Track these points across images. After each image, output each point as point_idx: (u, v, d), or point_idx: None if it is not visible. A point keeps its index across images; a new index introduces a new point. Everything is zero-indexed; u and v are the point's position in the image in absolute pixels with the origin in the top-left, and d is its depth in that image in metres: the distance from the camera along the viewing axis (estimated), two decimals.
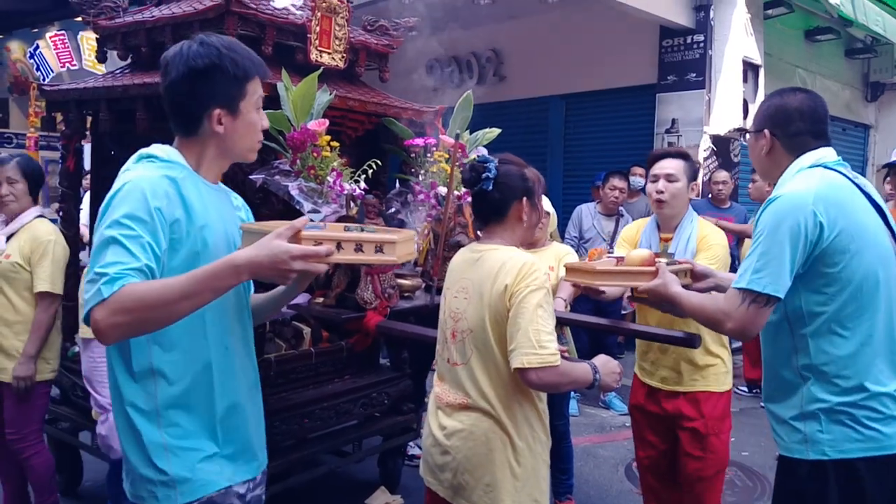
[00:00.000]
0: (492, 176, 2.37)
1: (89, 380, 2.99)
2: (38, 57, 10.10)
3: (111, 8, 3.86)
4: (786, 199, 2.13)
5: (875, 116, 11.84)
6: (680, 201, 3.27)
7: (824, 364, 2.13)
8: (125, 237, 1.67)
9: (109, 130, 3.79)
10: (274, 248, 1.67)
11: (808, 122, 2.26)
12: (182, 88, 1.84)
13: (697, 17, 7.86)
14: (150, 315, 1.65)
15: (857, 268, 2.10)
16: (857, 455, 2.08)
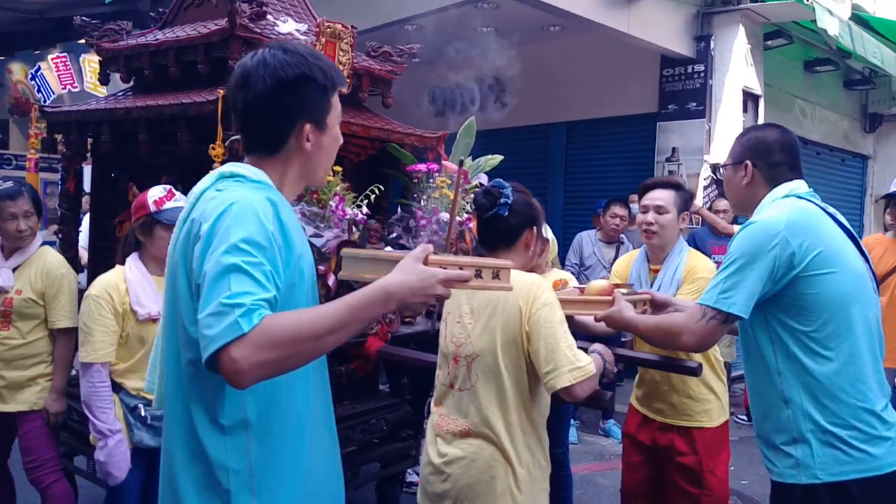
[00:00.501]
0: (509, 202, 2.37)
1: (88, 405, 2.91)
2: (39, 79, 10.13)
3: (115, 31, 3.87)
4: (759, 225, 2.22)
5: (874, 147, 11.88)
6: (669, 232, 3.24)
7: (810, 386, 2.16)
8: (248, 264, 1.46)
9: (110, 153, 3.78)
10: (423, 273, 1.58)
11: (786, 154, 2.38)
12: (269, 102, 1.65)
13: (698, 47, 7.91)
14: (299, 350, 1.46)
15: (834, 290, 2.16)
16: (849, 477, 2.11)
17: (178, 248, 1.65)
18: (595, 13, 6.86)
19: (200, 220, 1.57)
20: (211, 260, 1.48)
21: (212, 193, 1.62)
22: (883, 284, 4.95)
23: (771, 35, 8.45)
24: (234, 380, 1.42)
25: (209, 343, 1.40)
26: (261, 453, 1.60)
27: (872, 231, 10.65)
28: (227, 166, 1.70)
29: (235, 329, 1.39)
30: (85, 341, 2.91)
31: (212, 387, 1.57)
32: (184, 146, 3.32)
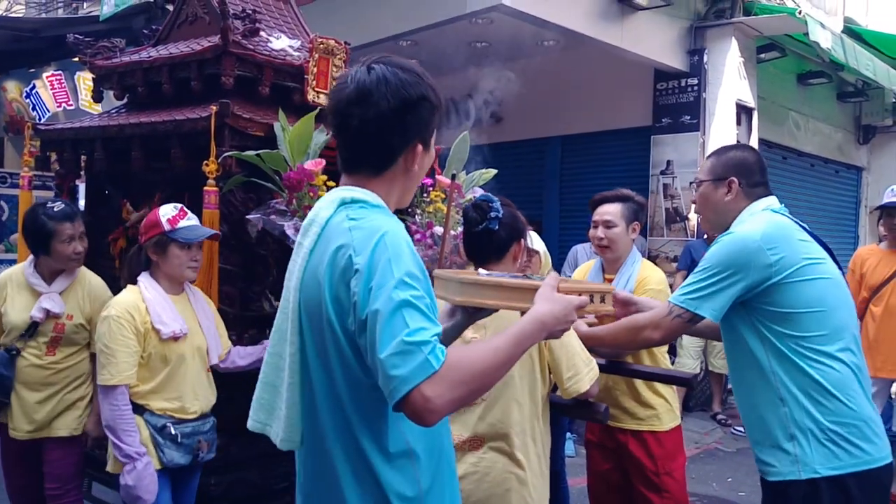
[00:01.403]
0: (500, 216, 2.39)
1: (113, 428, 2.80)
2: (34, 97, 10.12)
3: (108, 48, 3.86)
4: (735, 237, 2.35)
5: (867, 159, 11.93)
6: (620, 244, 3.37)
7: (808, 387, 2.25)
8: (416, 299, 1.44)
9: (104, 170, 3.77)
10: (563, 301, 1.65)
11: (763, 174, 2.53)
12: (390, 121, 1.59)
13: (691, 61, 7.94)
14: (481, 384, 1.48)
15: (817, 294, 2.28)
16: (847, 471, 2.21)
17: (324, 281, 1.54)
18: (589, 28, 6.89)
19: (350, 253, 1.50)
20: (380, 296, 1.43)
21: (345, 222, 1.55)
22: (878, 295, 4.96)
23: (764, 48, 8.49)
24: (425, 418, 1.40)
25: (399, 384, 1.38)
26: (426, 481, 1.60)
27: (867, 242, 10.68)
28: (343, 191, 1.63)
29: (427, 368, 1.38)
30: (107, 363, 2.82)
31: (376, 417, 1.56)
32: (177, 163, 3.32)
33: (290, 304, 1.63)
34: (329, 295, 1.53)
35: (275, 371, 1.68)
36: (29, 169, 4.06)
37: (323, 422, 1.60)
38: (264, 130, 3.26)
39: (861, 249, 5.52)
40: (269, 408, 1.70)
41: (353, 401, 1.56)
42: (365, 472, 1.57)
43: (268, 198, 3.21)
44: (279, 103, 3.39)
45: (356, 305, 1.46)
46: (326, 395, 1.59)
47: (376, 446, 1.57)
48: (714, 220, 2.60)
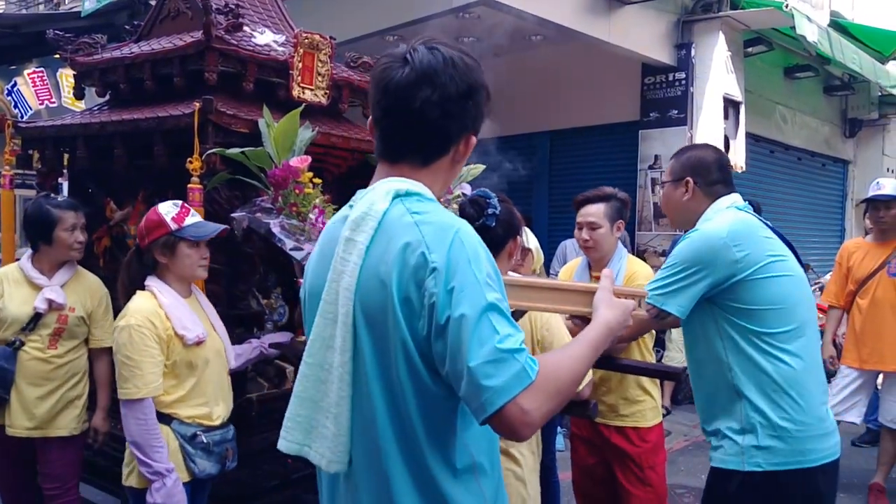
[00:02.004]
0: (497, 212, 2.37)
1: (140, 444, 2.66)
2: (15, 94, 10.03)
3: (89, 44, 3.81)
4: (702, 234, 2.40)
5: (854, 152, 11.98)
6: (605, 244, 3.41)
7: (763, 383, 2.30)
8: (499, 301, 1.36)
9: (87, 168, 3.72)
10: (623, 306, 1.64)
11: (722, 172, 2.57)
12: (454, 105, 1.48)
13: (679, 55, 7.93)
14: (568, 395, 1.41)
15: (781, 292, 2.32)
16: (787, 467, 2.28)
17: (390, 280, 1.39)
18: (576, 22, 6.87)
19: (422, 250, 1.37)
20: (464, 299, 1.32)
21: (407, 216, 1.43)
22: (864, 288, 4.98)
23: (751, 42, 8.51)
24: (520, 432, 1.32)
25: (494, 395, 1.29)
26: (490, 494, 1.51)
27: (854, 235, 10.72)
28: (395, 182, 1.49)
29: (524, 378, 1.31)
30: (131, 375, 2.66)
31: (445, 430, 1.45)
32: (160, 160, 3.28)
33: (340, 307, 1.44)
34: (398, 296, 1.38)
35: (315, 384, 1.49)
36: (10, 167, 4.01)
37: (382, 438, 1.44)
38: (249, 127, 3.22)
39: (848, 243, 5.53)
40: (308, 426, 1.50)
41: (421, 413, 1.42)
42: (431, 492, 1.44)
43: (253, 195, 3.17)
44: (264, 99, 3.35)
45: (434, 307, 1.34)
46: (388, 408, 1.43)
47: (443, 462, 1.44)
48: (678, 219, 2.67)
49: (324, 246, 1.60)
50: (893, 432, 4.92)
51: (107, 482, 3.59)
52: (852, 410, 5.02)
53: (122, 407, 2.70)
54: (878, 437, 5.49)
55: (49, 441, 3.32)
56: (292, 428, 1.53)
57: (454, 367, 1.33)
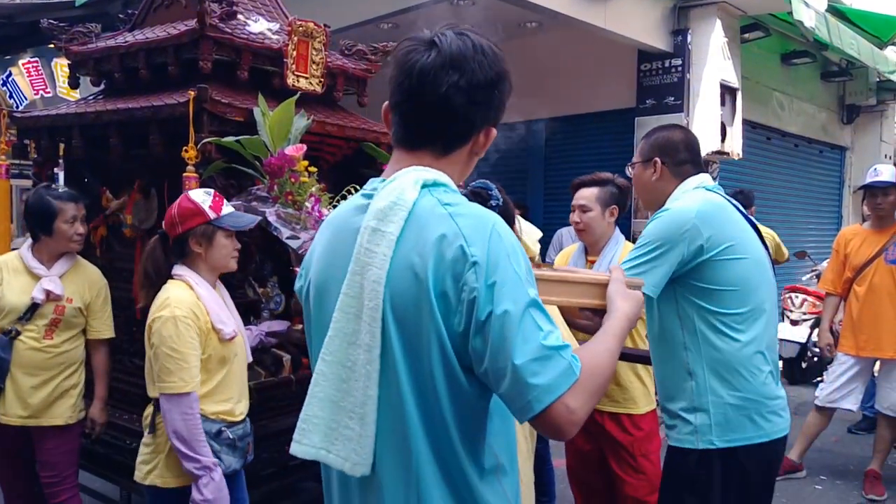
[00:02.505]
0: (499, 204, 2.36)
1: (187, 440, 2.59)
2: (10, 84, 9.99)
3: (83, 33, 3.80)
4: (672, 213, 2.42)
5: (851, 138, 11.97)
6: (597, 227, 3.44)
7: (714, 361, 2.36)
8: (537, 297, 1.34)
9: (83, 157, 3.71)
10: (636, 297, 1.64)
11: (690, 152, 2.60)
12: (481, 93, 1.44)
13: (675, 41, 7.91)
14: (602, 394, 1.39)
15: (743, 275, 2.37)
16: (740, 444, 2.35)
17: (426, 274, 1.33)
18: (572, 8, 6.85)
19: (460, 243, 1.32)
20: (506, 295, 1.29)
21: (439, 207, 1.38)
22: (861, 275, 4.99)
23: (748, 28, 8.47)
24: (565, 431, 1.30)
25: (542, 394, 1.27)
26: (512, 494, 1.48)
27: (851, 222, 10.73)
28: (422, 172, 1.43)
29: (570, 375, 1.29)
30: (177, 368, 2.59)
31: (477, 430, 1.42)
32: (156, 149, 3.27)
33: (366, 301, 1.36)
34: (434, 290, 1.32)
35: (335, 384, 1.40)
36: (6, 157, 4.01)
37: (413, 439, 1.37)
38: (244, 116, 3.22)
39: (845, 230, 5.53)
40: (328, 428, 1.41)
41: (455, 412, 1.37)
42: (463, 493, 1.39)
43: (248, 184, 3.18)
44: (258, 88, 3.35)
45: (474, 303, 1.30)
46: (419, 408, 1.37)
47: (473, 463, 1.40)
48: (647, 199, 2.70)
49: (333, 237, 1.52)
50: (890, 419, 4.94)
51: (106, 470, 3.61)
52: (849, 398, 5.03)
53: (164, 402, 2.62)
54: (874, 424, 5.52)
55: (44, 430, 3.32)
56: (309, 431, 1.43)
57: (495, 365, 1.29)
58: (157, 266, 2.78)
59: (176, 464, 2.67)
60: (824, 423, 5.15)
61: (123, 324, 3.50)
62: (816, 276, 7.82)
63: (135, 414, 3.59)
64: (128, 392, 3.66)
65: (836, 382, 5.04)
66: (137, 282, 2.83)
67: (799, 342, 7.69)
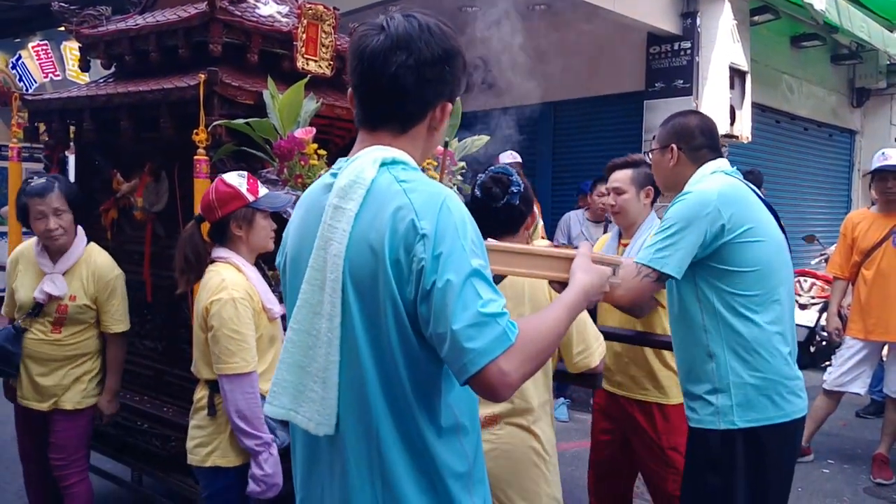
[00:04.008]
0: (520, 190, 2.35)
1: (249, 418, 2.62)
2: (20, 67, 10.02)
3: (94, 16, 3.81)
4: (694, 195, 2.44)
5: (861, 122, 11.90)
6: (632, 210, 3.37)
7: (734, 343, 2.40)
8: (483, 268, 1.40)
9: (93, 140, 3.73)
10: (599, 272, 1.70)
11: (706, 137, 2.62)
12: (430, 70, 1.49)
13: (684, 24, 7.87)
14: (545, 358, 1.47)
15: (762, 257, 2.40)
16: (761, 423, 2.38)
17: (381, 247, 1.42)
18: None
19: (411, 216, 1.40)
20: (451, 264, 1.37)
21: (395, 184, 1.45)
22: (869, 259, 4.98)
23: (757, 10, 8.42)
24: (500, 392, 1.38)
25: (476, 356, 1.34)
26: (472, 454, 1.55)
27: (860, 206, 10.69)
28: (381, 151, 1.51)
29: (504, 340, 1.36)
30: (239, 349, 2.61)
31: (432, 391, 1.49)
32: (166, 132, 3.29)
33: (328, 273, 1.46)
34: (390, 261, 1.41)
35: (302, 350, 1.51)
36: (17, 140, 4.03)
37: (372, 399, 1.47)
38: (254, 98, 3.23)
39: (853, 213, 5.52)
40: (296, 391, 1.53)
41: (410, 375, 1.46)
42: (419, 449, 1.48)
43: (258, 167, 3.19)
44: (268, 71, 3.36)
45: (422, 272, 1.38)
46: (378, 371, 1.47)
47: (430, 421, 1.49)
48: (666, 185, 2.76)
49: (306, 214, 1.60)
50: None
51: (118, 451, 3.65)
52: (857, 381, 5.03)
53: (225, 382, 2.63)
54: (882, 408, 5.53)
55: (56, 413, 3.35)
56: (279, 393, 1.55)
57: (437, 330, 1.37)
58: (197, 251, 2.77)
59: (236, 442, 2.70)
60: (832, 406, 5.15)
61: (135, 306, 3.52)
62: (825, 259, 7.81)
63: (146, 396, 3.64)
64: (139, 374, 3.70)
65: (844, 366, 5.04)
66: (177, 268, 2.79)
67: (807, 326, 7.69)
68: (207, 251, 2.79)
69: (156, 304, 3.59)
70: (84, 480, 3.44)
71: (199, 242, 2.78)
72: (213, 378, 2.71)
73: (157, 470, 3.43)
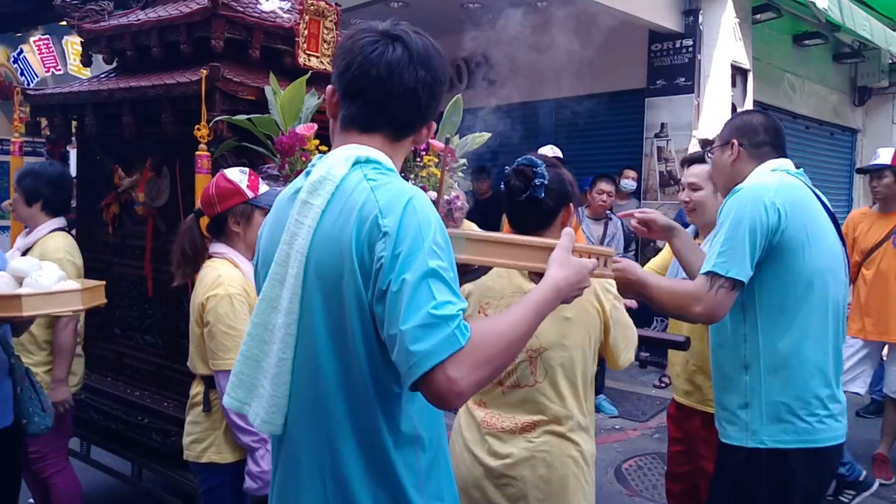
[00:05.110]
0: (546, 182, 2.19)
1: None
2: (22, 62, 10.00)
3: (96, 11, 3.82)
4: (748, 191, 2.29)
5: (862, 121, 11.88)
6: (709, 207, 3.08)
7: (772, 357, 2.24)
8: (442, 269, 1.34)
9: (95, 135, 3.74)
10: (578, 266, 1.61)
11: (770, 135, 2.48)
12: (438, 88, 1.55)
13: (686, 22, 7.87)
14: (505, 361, 1.40)
15: (810, 264, 2.24)
16: (791, 446, 2.22)
17: (347, 244, 1.39)
18: None
19: (375, 213, 1.37)
20: (409, 264, 1.32)
21: (364, 182, 1.43)
22: (870, 259, 4.99)
23: (759, 9, 8.41)
24: (448, 401, 1.30)
25: (421, 359, 1.27)
26: (425, 468, 1.49)
27: (861, 205, 10.69)
28: (356, 150, 1.50)
29: (452, 343, 1.28)
30: (234, 345, 2.56)
31: (391, 396, 1.44)
32: (168, 127, 3.29)
33: (290, 269, 1.45)
34: (356, 258, 1.38)
35: (259, 344, 1.51)
36: (19, 135, 4.03)
37: (329, 402, 1.44)
38: (255, 94, 3.23)
39: (854, 213, 5.53)
40: (250, 385, 1.53)
41: (372, 376, 1.42)
42: (375, 456, 1.45)
43: (260, 163, 3.19)
44: (270, 67, 3.36)
45: (380, 271, 1.34)
46: (339, 371, 1.44)
47: (389, 429, 1.44)
48: (724, 183, 2.57)
49: (279, 212, 1.59)
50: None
51: (118, 446, 3.66)
52: (857, 381, 5.02)
53: (220, 378, 2.62)
54: (882, 407, 5.53)
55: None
56: (236, 385, 1.55)
57: (389, 332, 1.32)
58: (194, 245, 2.77)
59: (232, 438, 2.69)
60: None
61: (136, 301, 3.53)
62: None
63: (146, 391, 3.65)
64: (139, 369, 3.71)
65: (844, 366, 5.04)
66: (174, 261, 2.79)
67: None
68: (205, 246, 2.79)
69: (156, 299, 3.60)
70: (63, 472, 3.43)
71: (196, 236, 2.78)
72: (208, 373, 2.71)
73: (158, 465, 3.44)
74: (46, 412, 2.83)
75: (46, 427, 2.82)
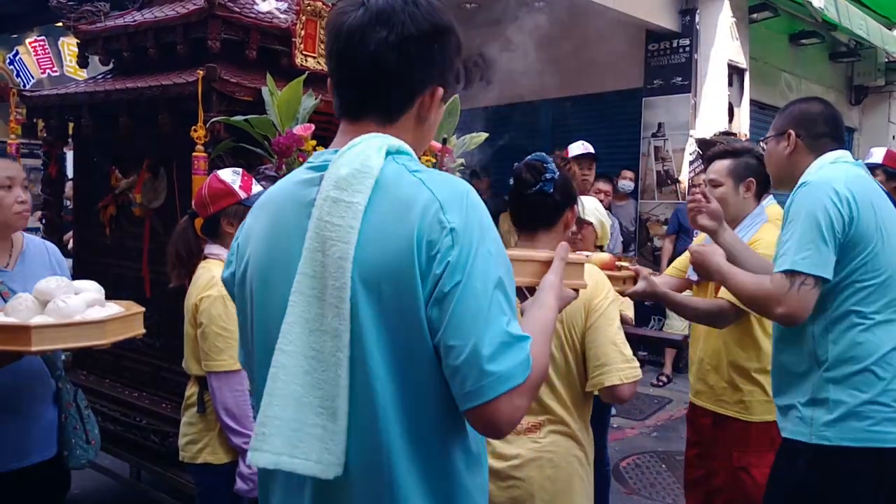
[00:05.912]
0: (555, 177, 2.18)
1: (237, 416, 2.59)
2: (17, 63, 10.00)
3: (92, 12, 3.82)
4: (817, 184, 2.17)
5: (859, 119, 11.91)
6: (730, 205, 2.96)
7: (844, 354, 2.15)
8: (507, 280, 1.22)
9: (92, 137, 3.73)
10: (567, 297, 1.54)
11: (830, 126, 2.37)
12: (417, 49, 1.27)
13: (683, 21, 7.88)
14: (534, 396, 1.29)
15: (886, 259, 2.14)
16: (856, 444, 2.12)
17: (407, 243, 1.19)
18: None
19: (436, 207, 1.20)
20: (477, 268, 1.18)
21: (407, 175, 1.25)
22: None
23: (756, 8, 8.42)
24: (503, 429, 1.19)
25: (496, 382, 1.14)
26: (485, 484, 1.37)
27: None
28: (387, 139, 1.28)
29: (526, 369, 1.17)
30: (227, 346, 2.56)
31: (458, 415, 1.24)
32: (165, 128, 3.29)
33: (329, 280, 1.20)
34: (417, 260, 1.18)
35: (299, 377, 1.22)
36: (16, 136, 4.02)
37: (387, 427, 1.22)
38: (252, 95, 3.23)
39: None
40: (291, 430, 1.21)
41: (443, 393, 1.23)
42: (452, 486, 1.27)
43: (257, 163, 3.19)
44: (267, 67, 3.36)
45: (445, 270, 1.17)
46: (400, 393, 1.22)
47: (462, 450, 1.28)
48: (778, 176, 2.50)
49: (278, 215, 1.34)
50: None
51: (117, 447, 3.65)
52: None
53: (214, 380, 2.61)
54: None
55: None
56: (271, 436, 1.22)
57: (451, 341, 1.17)
58: (189, 246, 2.77)
59: (226, 439, 2.69)
60: None
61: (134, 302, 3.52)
62: None
63: (144, 392, 3.64)
64: (138, 370, 3.70)
65: None
66: (169, 262, 2.79)
67: None
68: (200, 247, 2.78)
69: (154, 300, 3.59)
70: None
71: (191, 238, 2.78)
72: (202, 374, 2.70)
73: (156, 466, 3.43)
74: (91, 444, 2.69)
75: (89, 461, 2.71)
